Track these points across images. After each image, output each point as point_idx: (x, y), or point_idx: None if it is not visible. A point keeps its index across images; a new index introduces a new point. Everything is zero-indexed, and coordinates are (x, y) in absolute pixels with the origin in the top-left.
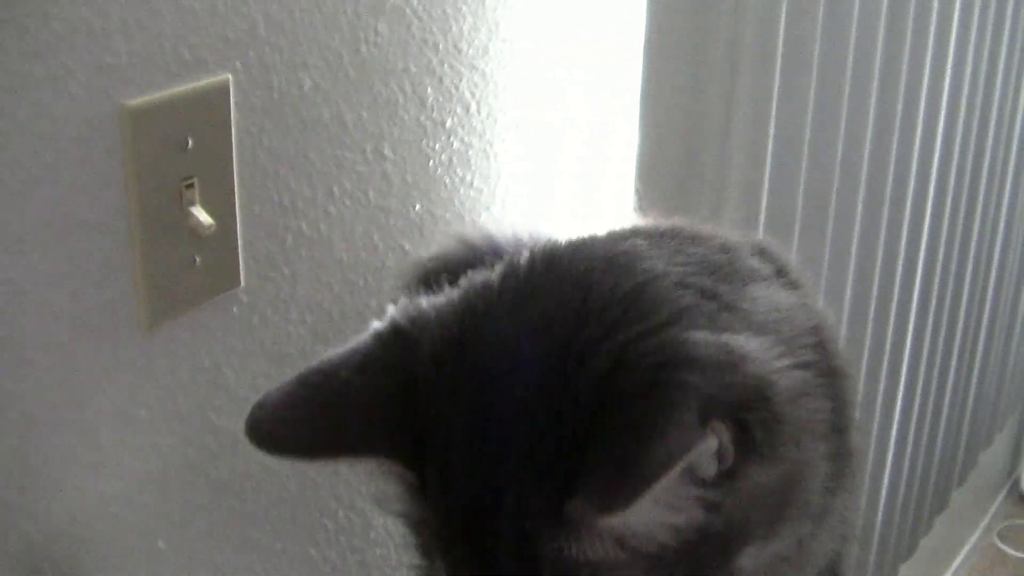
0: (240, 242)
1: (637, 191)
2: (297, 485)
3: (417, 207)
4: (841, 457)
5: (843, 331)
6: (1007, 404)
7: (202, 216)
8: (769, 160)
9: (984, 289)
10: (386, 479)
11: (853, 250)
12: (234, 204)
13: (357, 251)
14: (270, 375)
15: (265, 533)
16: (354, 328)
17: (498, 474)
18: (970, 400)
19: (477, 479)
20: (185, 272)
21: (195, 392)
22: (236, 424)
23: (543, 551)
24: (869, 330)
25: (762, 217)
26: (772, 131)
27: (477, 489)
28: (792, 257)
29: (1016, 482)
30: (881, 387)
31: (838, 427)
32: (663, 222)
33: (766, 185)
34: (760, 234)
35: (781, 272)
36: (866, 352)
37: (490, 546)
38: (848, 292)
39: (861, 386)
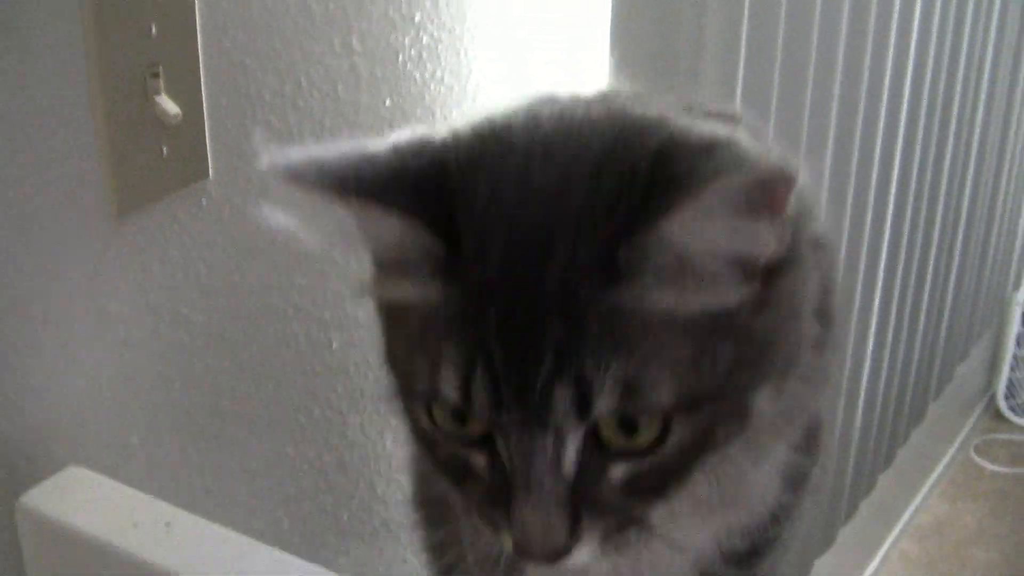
0: (208, 133)
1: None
2: (272, 381)
3: (387, 102)
4: (825, 319)
5: None
6: (983, 318)
7: (168, 105)
8: (745, 27)
9: (959, 201)
10: (401, 254)
11: (829, 149)
12: (200, 94)
13: None
14: (243, 269)
15: (240, 429)
16: None
17: (548, 228)
18: (946, 313)
19: (523, 235)
20: (153, 162)
21: (166, 285)
22: (209, 318)
23: (591, 304)
24: (844, 240)
25: (739, 90)
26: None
27: (522, 245)
28: (767, 128)
29: (992, 397)
30: (857, 297)
31: (823, 289)
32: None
33: (742, 57)
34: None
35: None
36: (841, 262)
37: (528, 308)
38: (822, 200)
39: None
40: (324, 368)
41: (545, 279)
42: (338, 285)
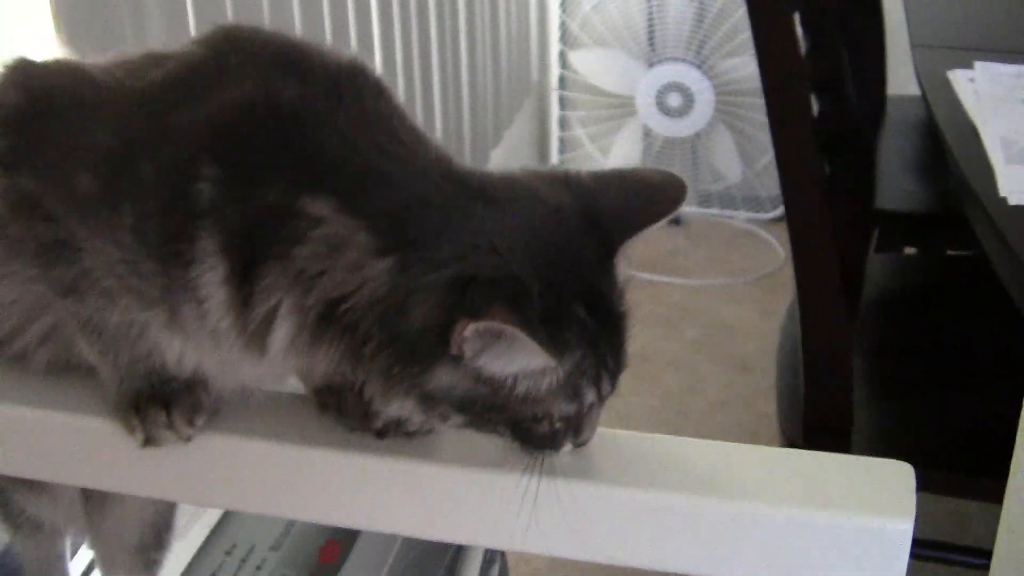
0: None
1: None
2: None
3: None
4: None
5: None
6: (510, 99)
7: None
8: None
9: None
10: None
11: None
12: None
13: None
14: None
15: None
16: None
17: (585, 278)
18: (464, 99)
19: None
20: None
21: None
22: None
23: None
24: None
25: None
26: None
27: (585, 303)
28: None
29: None
30: None
31: None
32: None
33: None
34: None
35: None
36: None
37: (611, 331)
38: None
39: None
40: None
41: (603, 307)
42: None
